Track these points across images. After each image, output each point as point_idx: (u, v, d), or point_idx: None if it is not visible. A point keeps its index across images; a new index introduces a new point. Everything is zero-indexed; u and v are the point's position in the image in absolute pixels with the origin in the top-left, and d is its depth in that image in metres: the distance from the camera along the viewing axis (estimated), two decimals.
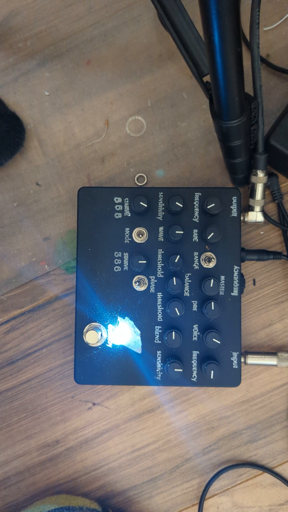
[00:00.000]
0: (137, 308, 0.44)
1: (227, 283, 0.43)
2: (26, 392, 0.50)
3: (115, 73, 0.50)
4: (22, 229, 0.50)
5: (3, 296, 0.50)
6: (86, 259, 0.44)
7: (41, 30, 0.50)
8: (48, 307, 0.50)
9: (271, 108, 0.49)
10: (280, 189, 0.48)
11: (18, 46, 0.50)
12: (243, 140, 0.39)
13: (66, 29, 0.50)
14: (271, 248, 0.49)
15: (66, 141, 0.50)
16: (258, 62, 0.36)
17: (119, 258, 0.44)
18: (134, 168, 0.49)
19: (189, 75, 0.49)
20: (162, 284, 0.43)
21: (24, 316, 0.50)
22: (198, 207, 0.44)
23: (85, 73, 0.50)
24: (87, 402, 0.50)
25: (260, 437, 0.49)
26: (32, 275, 0.49)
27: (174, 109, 0.49)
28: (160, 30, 0.49)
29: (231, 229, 0.43)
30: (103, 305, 0.44)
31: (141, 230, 0.43)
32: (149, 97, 0.49)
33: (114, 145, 0.50)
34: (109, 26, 0.49)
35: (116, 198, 0.44)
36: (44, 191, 0.50)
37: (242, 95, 0.35)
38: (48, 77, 0.50)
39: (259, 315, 0.49)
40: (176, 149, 0.49)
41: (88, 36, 0.50)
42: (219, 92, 0.33)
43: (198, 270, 0.43)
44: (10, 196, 0.50)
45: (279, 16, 0.49)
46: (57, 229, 0.50)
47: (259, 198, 0.45)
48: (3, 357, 0.50)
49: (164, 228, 0.44)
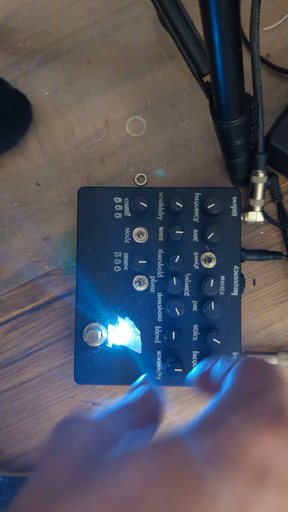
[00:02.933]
0: (137, 308, 0.44)
1: (227, 283, 0.43)
2: (26, 392, 0.50)
3: (115, 73, 0.50)
4: (22, 229, 0.50)
5: (3, 296, 0.50)
6: (86, 259, 0.44)
7: (41, 30, 0.50)
8: (48, 307, 0.50)
9: (271, 108, 0.49)
10: (280, 189, 0.48)
11: (18, 46, 0.50)
12: (243, 140, 0.39)
13: (66, 29, 0.50)
14: (271, 248, 0.49)
15: (66, 141, 0.50)
16: (258, 62, 0.36)
17: (119, 258, 0.44)
18: (134, 168, 0.49)
19: (189, 75, 0.49)
20: (162, 284, 0.43)
21: (24, 316, 0.50)
22: (198, 207, 0.44)
23: (85, 73, 0.50)
24: (87, 402, 0.50)
25: None
26: (32, 275, 0.49)
27: (174, 109, 0.49)
28: (160, 30, 0.49)
29: (231, 229, 0.43)
30: (103, 305, 0.44)
31: (141, 230, 0.43)
32: (149, 97, 0.49)
33: (114, 145, 0.50)
34: (109, 26, 0.49)
35: (116, 198, 0.44)
36: (44, 191, 0.50)
37: (242, 95, 0.35)
38: (48, 77, 0.50)
39: (259, 315, 0.49)
40: (176, 149, 0.49)
41: (88, 36, 0.50)
42: (219, 92, 0.33)
43: (198, 270, 0.43)
44: (10, 196, 0.50)
45: (279, 16, 0.49)
46: (57, 229, 0.50)
47: (259, 198, 0.45)
48: (3, 357, 0.50)
49: (164, 228, 0.44)
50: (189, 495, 0.15)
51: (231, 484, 0.16)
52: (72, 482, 0.16)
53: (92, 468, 0.17)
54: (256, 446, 0.17)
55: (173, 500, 0.15)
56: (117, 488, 0.15)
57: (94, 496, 0.15)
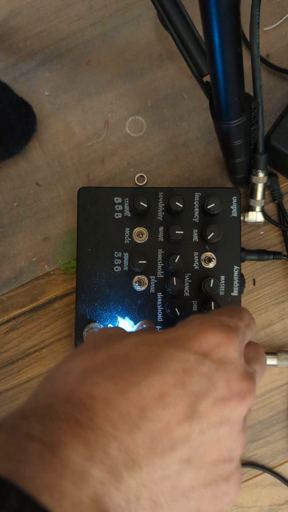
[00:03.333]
0: (137, 308, 0.44)
1: (227, 283, 0.43)
2: (26, 392, 0.50)
3: (115, 73, 0.50)
4: (22, 229, 0.50)
5: (3, 296, 0.50)
6: (86, 259, 0.44)
7: (41, 30, 0.50)
8: (48, 307, 0.50)
9: (271, 108, 0.49)
10: (280, 189, 0.48)
11: (18, 46, 0.50)
12: (243, 140, 0.39)
13: (66, 29, 0.50)
14: (271, 248, 0.49)
15: (66, 141, 0.50)
16: (258, 62, 0.36)
17: (119, 258, 0.44)
18: (134, 168, 0.49)
19: (189, 75, 0.49)
20: (162, 284, 0.43)
21: (24, 316, 0.50)
22: (198, 207, 0.44)
23: (85, 73, 0.50)
24: None
25: (260, 437, 0.49)
26: (32, 275, 0.49)
27: (174, 109, 0.49)
28: (160, 30, 0.49)
29: (231, 229, 0.43)
30: (103, 305, 0.44)
31: (141, 230, 0.43)
32: (149, 97, 0.49)
33: (114, 145, 0.50)
34: (109, 26, 0.49)
35: (116, 198, 0.44)
36: (44, 191, 0.50)
37: (242, 95, 0.35)
38: (48, 77, 0.50)
39: (259, 315, 0.49)
40: (176, 149, 0.49)
41: (88, 36, 0.50)
42: (219, 92, 0.33)
43: (198, 270, 0.43)
44: (10, 196, 0.50)
45: (279, 16, 0.49)
46: (57, 229, 0.50)
47: (259, 198, 0.45)
48: (3, 357, 0.50)
49: (164, 228, 0.44)
50: (152, 355, 0.25)
51: (180, 356, 0.25)
52: (90, 347, 0.27)
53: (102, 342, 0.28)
54: (203, 339, 0.26)
55: (147, 355, 0.25)
56: (116, 349, 0.26)
57: (101, 352, 0.26)
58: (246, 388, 0.26)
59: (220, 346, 0.26)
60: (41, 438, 0.20)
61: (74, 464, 0.20)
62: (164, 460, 0.22)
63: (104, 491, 0.20)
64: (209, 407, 0.24)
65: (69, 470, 0.19)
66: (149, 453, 0.22)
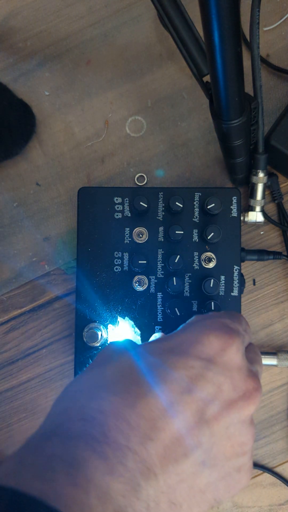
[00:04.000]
0: (137, 308, 0.44)
1: (227, 283, 0.43)
2: (26, 392, 0.50)
3: (115, 73, 0.50)
4: (22, 229, 0.50)
5: (3, 296, 0.50)
6: (86, 259, 0.44)
7: (41, 30, 0.50)
8: (48, 307, 0.50)
9: (271, 108, 0.49)
10: (280, 189, 0.48)
11: (18, 46, 0.50)
12: (243, 140, 0.39)
13: (66, 29, 0.50)
14: (271, 248, 0.49)
15: (66, 141, 0.50)
16: (258, 62, 0.36)
17: (119, 258, 0.44)
18: (134, 168, 0.49)
19: (189, 75, 0.49)
20: (162, 284, 0.43)
21: (24, 316, 0.50)
22: (198, 207, 0.44)
23: (85, 73, 0.50)
24: None
25: (260, 437, 0.49)
26: (32, 275, 0.49)
27: (174, 109, 0.49)
28: (160, 30, 0.49)
29: (231, 229, 0.43)
30: (103, 305, 0.44)
31: (141, 230, 0.43)
32: (149, 97, 0.49)
33: (114, 145, 0.50)
34: (109, 26, 0.49)
35: (116, 198, 0.44)
36: (44, 191, 0.50)
37: (242, 95, 0.35)
38: (48, 77, 0.50)
39: (259, 315, 0.49)
40: (176, 149, 0.49)
41: (88, 36, 0.50)
42: (219, 92, 0.33)
43: (198, 270, 0.43)
44: (10, 196, 0.50)
45: (279, 16, 0.49)
46: (57, 229, 0.50)
47: (259, 198, 0.45)
48: (3, 357, 0.50)
49: (164, 228, 0.44)
50: (156, 365, 0.26)
51: (184, 363, 0.25)
52: (98, 364, 0.28)
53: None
54: (206, 343, 0.26)
55: (151, 366, 0.26)
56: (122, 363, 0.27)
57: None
58: (252, 387, 0.27)
59: (224, 349, 0.26)
60: (64, 457, 0.21)
61: (97, 479, 0.21)
62: (178, 466, 0.23)
63: (126, 503, 0.21)
64: (218, 410, 0.25)
65: (93, 485, 0.20)
66: (163, 461, 0.23)
